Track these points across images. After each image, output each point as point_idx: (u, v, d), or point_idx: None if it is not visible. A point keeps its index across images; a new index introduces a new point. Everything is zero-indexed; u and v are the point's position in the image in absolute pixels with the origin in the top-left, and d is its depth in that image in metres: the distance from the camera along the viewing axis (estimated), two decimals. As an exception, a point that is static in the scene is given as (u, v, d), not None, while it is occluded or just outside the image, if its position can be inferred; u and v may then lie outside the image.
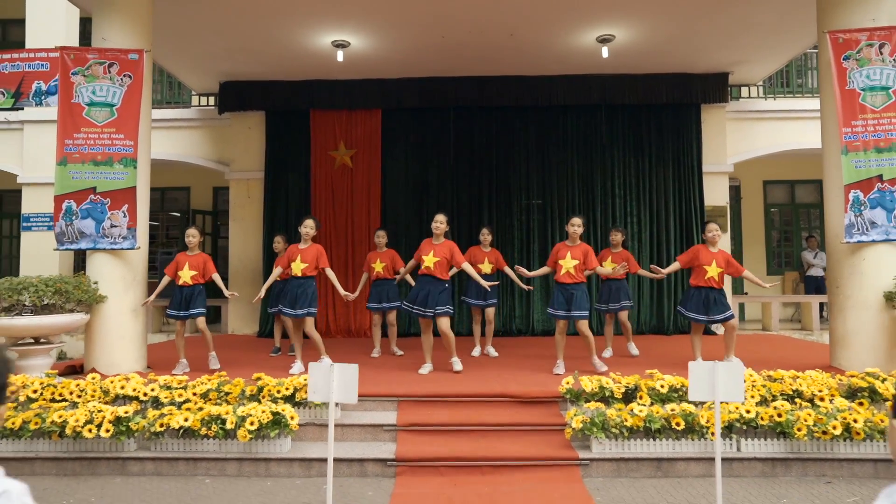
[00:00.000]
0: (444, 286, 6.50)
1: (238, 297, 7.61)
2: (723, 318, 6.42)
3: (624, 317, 7.61)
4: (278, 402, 5.16)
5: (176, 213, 12.99)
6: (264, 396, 5.28)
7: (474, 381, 6.09)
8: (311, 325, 6.60)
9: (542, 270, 6.88)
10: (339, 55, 8.79)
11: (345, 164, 10.37)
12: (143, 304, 6.75)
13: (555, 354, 6.57)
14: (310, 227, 6.63)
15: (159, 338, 10.29)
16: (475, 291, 7.52)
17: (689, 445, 4.85)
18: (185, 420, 4.88)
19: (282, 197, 10.46)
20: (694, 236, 10.03)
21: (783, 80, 11.42)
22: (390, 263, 7.67)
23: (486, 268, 7.53)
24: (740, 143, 10.74)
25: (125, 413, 4.91)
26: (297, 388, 5.28)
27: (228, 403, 5.23)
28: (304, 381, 5.26)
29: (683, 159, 10.30)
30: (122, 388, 5.36)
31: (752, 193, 12.45)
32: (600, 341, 8.10)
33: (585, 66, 9.60)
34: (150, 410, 5.11)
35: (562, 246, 6.56)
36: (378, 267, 7.69)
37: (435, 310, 6.40)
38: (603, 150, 10.31)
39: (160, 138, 9.91)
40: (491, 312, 7.75)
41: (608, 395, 5.24)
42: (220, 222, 12.76)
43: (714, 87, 10.14)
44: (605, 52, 8.69)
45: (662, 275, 6.77)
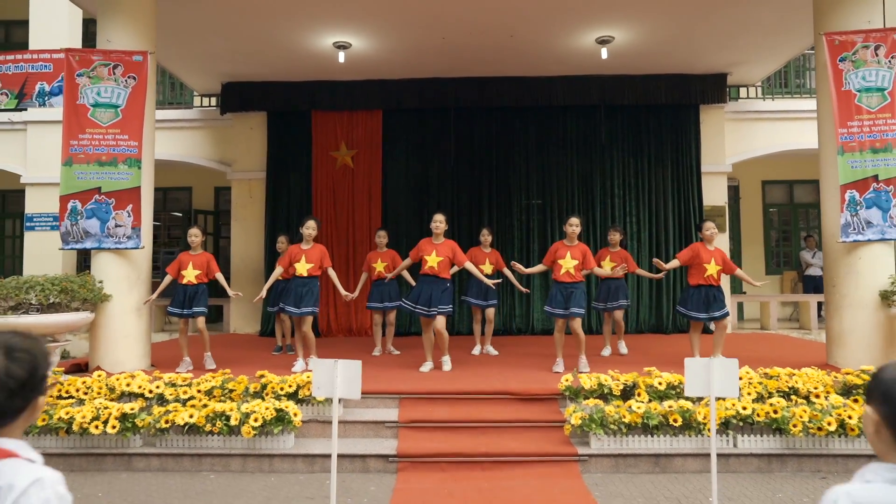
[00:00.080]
0: (446, 286, 6.57)
1: (240, 297, 7.68)
2: (721, 314, 6.59)
3: (619, 315, 7.69)
4: (281, 399, 5.24)
5: (178, 213, 13.06)
6: (268, 393, 5.36)
7: (475, 378, 6.16)
8: (309, 325, 6.68)
9: (539, 268, 6.94)
10: (341, 56, 8.85)
11: (346, 164, 10.43)
12: (145, 303, 6.81)
13: (554, 353, 6.63)
14: (312, 228, 6.71)
15: (161, 337, 10.35)
16: (476, 291, 7.60)
17: (686, 441, 4.92)
18: (190, 417, 4.96)
19: (283, 197, 10.52)
20: (693, 236, 10.07)
21: (782, 81, 11.47)
22: (391, 263, 7.72)
23: (487, 268, 7.57)
24: (739, 143, 10.79)
25: (131, 410, 4.98)
26: (300, 385, 5.35)
27: (232, 400, 5.31)
28: (306, 378, 5.34)
29: (682, 159, 10.36)
30: (127, 385, 5.44)
31: (750, 193, 12.51)
32: (598, 340, 8.18)
33: (585, 66, 9.65)
34: (155, 407, 5.18)
35: (560, 245, 6.62)
36: (379, 267, 7.75)
37: (438, 309, 6.47)
38: (602, 151, 10.36)
39: (162, 139, 9.95)
40: (491, 312, 7.82)
41: (607, 392, 5.32)
42: (221, 222, 12.82)
43: (713, 87, 10.20)
44: (604, 53, 8.75)
45: (662, 274, 6.85)
